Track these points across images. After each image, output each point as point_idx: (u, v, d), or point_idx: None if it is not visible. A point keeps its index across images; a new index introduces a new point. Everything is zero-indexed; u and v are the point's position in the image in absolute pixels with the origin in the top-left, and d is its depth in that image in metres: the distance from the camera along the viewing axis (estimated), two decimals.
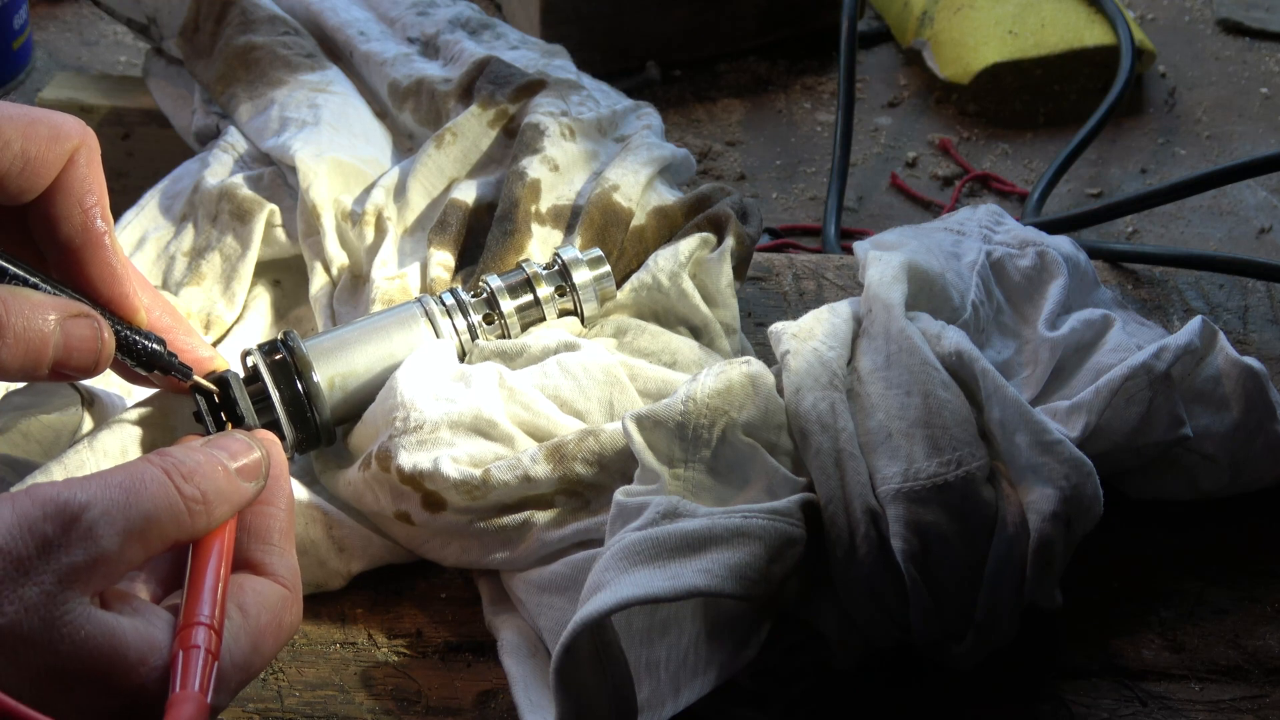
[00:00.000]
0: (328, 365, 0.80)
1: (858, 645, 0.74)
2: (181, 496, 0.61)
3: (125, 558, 0.59)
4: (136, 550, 0.59)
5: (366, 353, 0.82)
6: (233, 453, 0.66)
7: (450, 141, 0.97)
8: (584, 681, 0.68)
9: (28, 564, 0.56)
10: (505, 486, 0.77)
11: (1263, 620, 0.81)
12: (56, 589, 0.56)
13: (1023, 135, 1.37)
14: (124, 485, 0.60)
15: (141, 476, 0.61)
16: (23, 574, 0.56)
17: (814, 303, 0.96)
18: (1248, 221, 1.28)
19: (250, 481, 0.66)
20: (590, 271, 0.87)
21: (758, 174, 1.32)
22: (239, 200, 0.95)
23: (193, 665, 0.58)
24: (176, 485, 0.61)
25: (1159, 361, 0.79)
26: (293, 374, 0.79)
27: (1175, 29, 1.50)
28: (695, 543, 0.70)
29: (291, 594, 0.66)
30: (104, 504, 0.58)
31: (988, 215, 0.94)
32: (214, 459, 0.64)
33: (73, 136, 0.67)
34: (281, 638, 0.64)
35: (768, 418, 0.77)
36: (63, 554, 0.57)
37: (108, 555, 0.58)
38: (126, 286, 0.70)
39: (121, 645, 0.58)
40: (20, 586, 0.56)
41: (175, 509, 0.61)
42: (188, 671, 0.58)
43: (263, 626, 0.63)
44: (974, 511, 0.73)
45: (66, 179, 0.67)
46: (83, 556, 0.57)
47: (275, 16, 1.06)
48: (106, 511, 0.58)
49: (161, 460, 0.62)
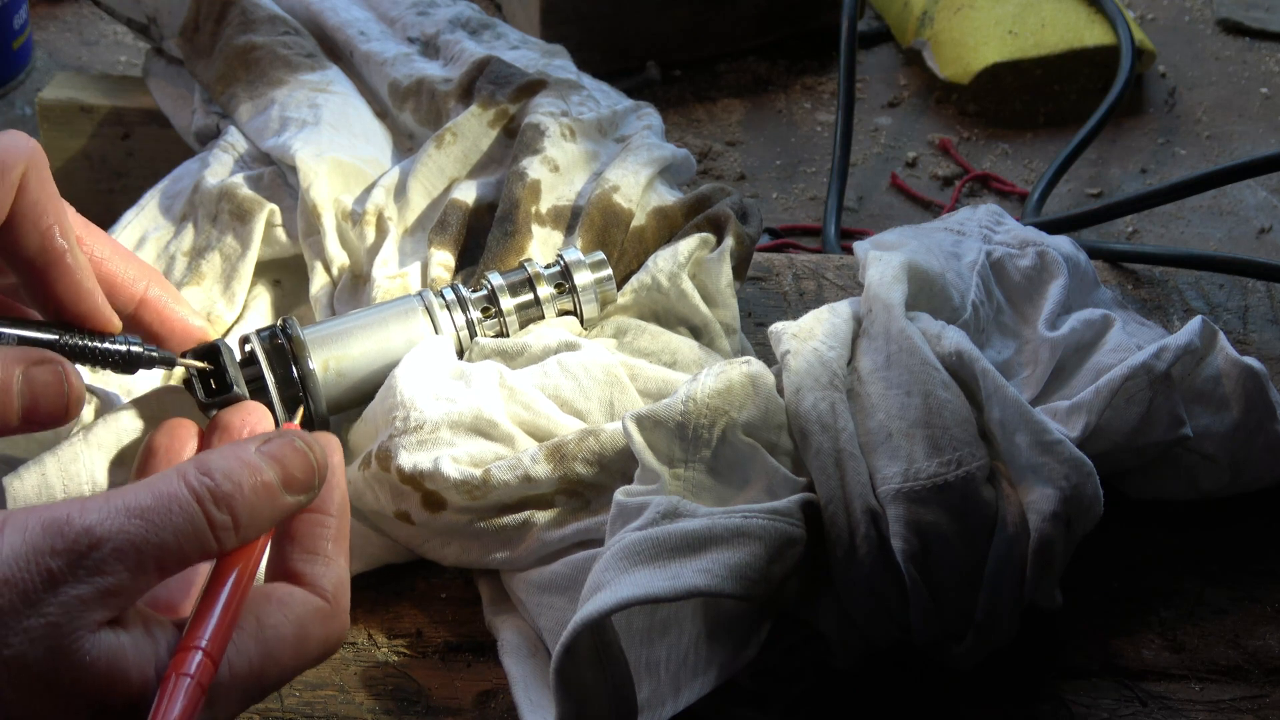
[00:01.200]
0: (323, 350, 0.80)
1: (858, 645, 0.74)
2: (210, 525, 0.58)
3: (138, 587, 0.57)
4: (152, 578, 0.57)
5: (363, 340, 0.81)
6: (284, 462, 0.62)
7: (450, 141, 0.97)
8: (584, 681, 0.68)
9: (33, 596, 0.55)
10: (505, 486, 0.77)
11: (1263, 620, 0.81)
12: (64, 618, 0.55)
13: (1023, 135, 1.36)
14: (146, 515, 0.57)
15: (169, 504, 0.58)
16: (29, 606, 0.55)
17: (814, 303, 0.96)
18: (1248, 221, 1.28)
19: (297, 495, 0.62)
20: (592, 274, 0.87)
21: (758, 174, 1.32)
22: (239, 200, 0.95)
23: (176, 694, 0.57)
24: (207, 513, 0.58)
25: (1159, 361, 0.79)
26: (289, 358, 0.79)
27: (1175, 29, 1.50)
28: (695, 543, 0.70)
29: (330, 606, 0.63)
30: (119, 539, 0.56)
31: (988, 215, 0.94)
32: (258, 472, 0.61)
33: (17, 164, 0.65)
34: (308, 652, 0.62)
35: (768, 418, 0.77)
36: (69, 588, 0.55)
37: (119, 588, 0.56)
38: (94, 300, 0.68)
39: (123, 668, 0.57)
40: (26, 619, 0.55)
41: (200, 538, 0.58)
42: (170, 700, 0.57)
43: (282, 638, 0.61)
44: (974, 511, 0.73)
45: (18, 207, 0.65)
46: (90, 591, 0.56)
47: (275, 16, 1.06)
48: (119, 548, 0.56)
49: (198, 479, 0.59)
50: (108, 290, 0.71)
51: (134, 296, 0.73)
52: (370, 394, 0.82)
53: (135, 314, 0.73)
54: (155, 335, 0.74)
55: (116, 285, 0.72)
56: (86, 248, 0.71)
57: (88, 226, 0.71)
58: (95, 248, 0.71)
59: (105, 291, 0.71)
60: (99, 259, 0.71)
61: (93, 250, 0.71)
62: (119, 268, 0.72)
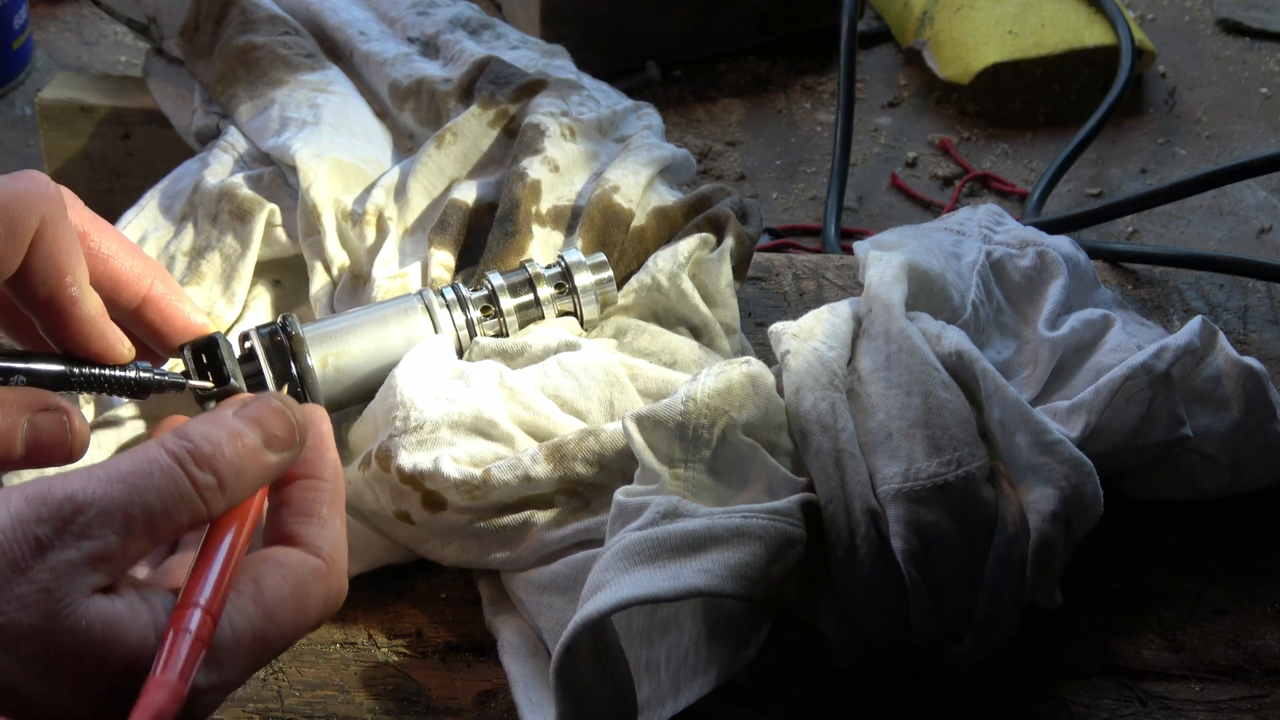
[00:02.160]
0: (322, 347, 0.81)
1: (858, 645, 0.74)
2: (194, 485, 0.59)
3: (129, 551, 0.58)
4: (143, 542, 0.58)
5: (363, 338, 0.82)
6: (262, 421, 0.63)
7: (450, 141, 0.97)
8: (584, 681, 0.68)
9: (23, 564, 0.56)
10: (505, 486, 0.77)
11: (1263, 620, 0.81)
12: (55, 583, 0.56)
13: (1023, 135, 1.37)
14: (127, 478, 0.58)
15: (149, 467, 0.59)
16: (19, 573, 0.56)
17: (814, 303, 0.96)
18: (1248, 221, 1.28)
19: (279, 453, 0.63)
20: (592, 275, 0.87)
21: (758, 174, 1.32)
22: (239, 200, 0.95)
23: (177, 649, 0.57)
24: (189, 473, 0.59)
25: (1159, 361, 0.79)
26: (287, 354, 0.79)
27: (1175, 29, 1.50)
28: (695, 543, 0.70)
29: (327, 566, 0.63)
30: (102, 503, 0.57)
31: (988, 215, 0.94)
32: (238, 434, 0.61)
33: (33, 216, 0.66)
34: (308, 611, 0.62)
35: (768, 418, 0.77)
36: (58, 553, 0.56)
37: (108, 552, 0.57)
38: (105, 342, 0.70)
39: (120, 631, 0.57)
40: (16, 585, 0.56)
41: (186, 499, 0.59)
42: (170, 655, 0.57)
43: (281, 598, 0.61)
44: (974, 511, 0.73)
45: (31, 258, 0.67)
46: (78, 555, 0.56)
47: (275, 16, 1.06)
48: (104, 511, 0.57)
49: (176, 444, 0.60)
50: (113, 287, 0.72)
51: (138, 294, 0.73)
52: (369, 392, 0.82)
53: (139, 311, 0.74)
54: (158, 332, 0.74)
55: (121, 282, 0.73)
56: (93, 243, 0.71)
57: (95, 221, 0.72)
58: (102, 244, 0.72)
59: (110, 288, 0.72)
60: (106, 255, 0.72)
61: (100, 246, 0.72)
62: (125, 264, 0.73)
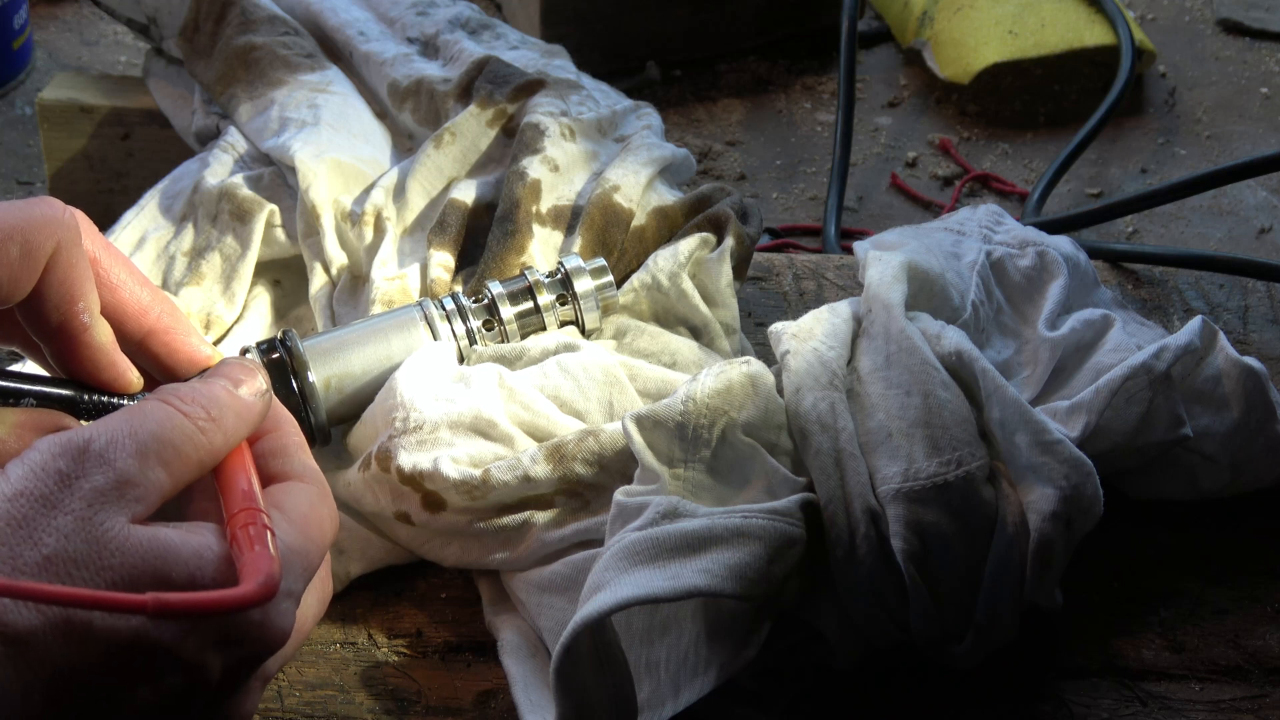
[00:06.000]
0: (324, 366, 0.81)
1: (858, 645, 0.74)
2: (186, 416, 0.63)
3: (151, 480, 0.60)
4: (159, 473, 0.60)
5: (364, 355, 0.82)
6: (231, 377, 0.67)
7: (449, 141, 0.97)
8: (584, 681, 0.68)
9: (52, 498, 0.58)
10: (505, 486, 0.77)
11: (1263, 620, 0.81)
12: (89, 512, 0.58)
13: (1023, 135, 1.37)
14: (124, 415, 0.62)
15: (142, 407, 0.63)
16: (51, 507, 0.58)
17: (814, 303, 0.96)
18: (1248, 221, 1.28)
19: (253, 395, 0.67)
20: (593, 281, 0.87)
21: (758, 174, 1.32)
22: (239, 200, 0.95)
23: (255, 536, 0.60)
24: (178, 407, 0.63)
25: (1159, 361, 0.79)
26: (289, 373, 0.79)
27: (1175, 29, 1.50)
28: (695, 543, 0.70)
29: (320, 490, 0.67)
30: (109, 433, 0.60)
31: (988, 215, 0.94)
32: (210, 380, 0.66)
33: (46, 243, 0.66)
34: (327, 528, 0.65)
35: (768, 418, 0.77)
36: (84, 481, 0.58)
37: (129, 477, 0.59)
38: (114, 371, 0.71)
39: (173, 549, 0.59)
40: (52, 519, 0.58)
41: (184, 427, 0.62)
42: (252, 541, 0.59)
43: (305, 517, 0.64)
44: (974, 511, 0.73)
45: (42, 286, 0.67)
46: (103, 480, 0.59)
47: (275, 16, 1.06)
48: (113, 438, 0.60)
49: (158, 393, 0.64)
50: (119, 317, 0.72)
51: (144, 325, 0.73)
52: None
53: (144, 342, 0.73)
54: (163, 364, 0.74)
55: (128, 313, 0.73)
56: (103, 270, 0.71)
57: (108, 248, 0.72)
58: (111, 272, 0.72)
59: (116, 318, 0.72)
60: (115, 284, 0.72)
61: (109, 274, 0.72)
62: (133, 294, 0.73)
